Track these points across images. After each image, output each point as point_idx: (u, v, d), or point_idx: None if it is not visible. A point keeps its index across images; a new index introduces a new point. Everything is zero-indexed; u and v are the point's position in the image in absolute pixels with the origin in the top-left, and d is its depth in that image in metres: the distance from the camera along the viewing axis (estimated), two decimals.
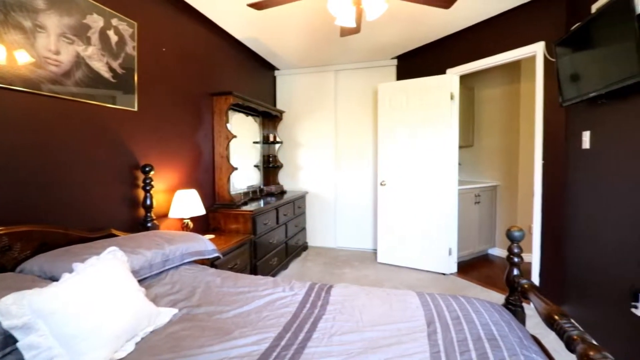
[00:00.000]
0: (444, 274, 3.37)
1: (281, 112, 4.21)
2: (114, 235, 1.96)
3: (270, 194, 3.84)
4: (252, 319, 1.43)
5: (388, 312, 1.44)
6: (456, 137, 3.44)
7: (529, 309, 2.35)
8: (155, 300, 1.54)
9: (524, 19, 2.79)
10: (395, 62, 4.10)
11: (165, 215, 2.44)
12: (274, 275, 3.19)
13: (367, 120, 4.21)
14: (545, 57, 2.65)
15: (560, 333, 1.10)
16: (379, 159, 3.74)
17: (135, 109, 2.21)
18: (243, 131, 3.68)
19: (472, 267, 3.62)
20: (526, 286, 1.47)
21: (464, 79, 4.33)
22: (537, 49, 2.71)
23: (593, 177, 2.17)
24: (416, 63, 3.85)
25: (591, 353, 0.94)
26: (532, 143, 2.81)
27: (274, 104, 4.50)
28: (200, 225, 2.78)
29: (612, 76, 1.82)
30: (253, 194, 3.59)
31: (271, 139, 4.14)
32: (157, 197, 2.33)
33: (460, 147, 4.32)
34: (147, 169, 2.15)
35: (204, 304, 1.56)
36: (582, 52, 2.12)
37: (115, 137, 2.09)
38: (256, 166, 4.01)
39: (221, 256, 2.15)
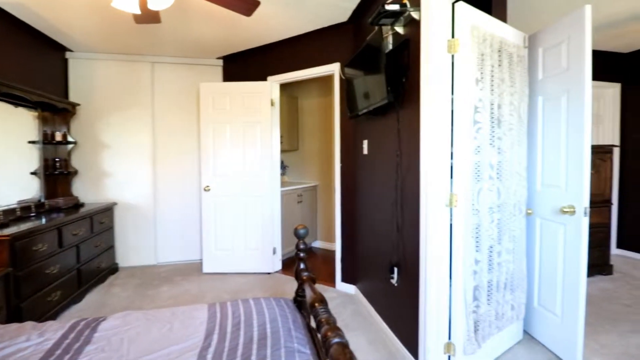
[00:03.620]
0: (269, 273, 3.48)
1: (74, 105, 3.39)
2: None
3: (56, 209, 3.01)
4: None
5: (166, 336, 1.30)
6: (278, 141, 3.62)
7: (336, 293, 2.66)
8: None
9: (327, 41, 3.18)
10: (221, 62, 3.98)
11: None
12: (56, 315, 2.49)
13: (191, 121, 3.91)
14: (340, 76, 3.10)
15: (315, 317, 1.23)
16: (201, 162, 3.53)
17: None
18: (8, 127, 2.74)
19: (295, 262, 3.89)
20: (304, 278, 1.61)
21: (288, 87, 4.66)
22: (335, 69, 3.14)
23: (369, 177, 2.66)
24: (242, 66, 3.84)
25: (329, 333, 1.07)
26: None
27: (66, 94, 3.58)
28: None
29: (375, 97, 2.25)
30: (24, 211, 2.71)
31: (58, 138, 3.26)
32: None
33: (287, 150, 4.64)
34: None
35: None
36: (366, 76, 2.55)
37: None
38: (34, 173, 3.07)
39: None
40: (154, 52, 3.73)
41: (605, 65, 4.05)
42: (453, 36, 1.77)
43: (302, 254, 1.76)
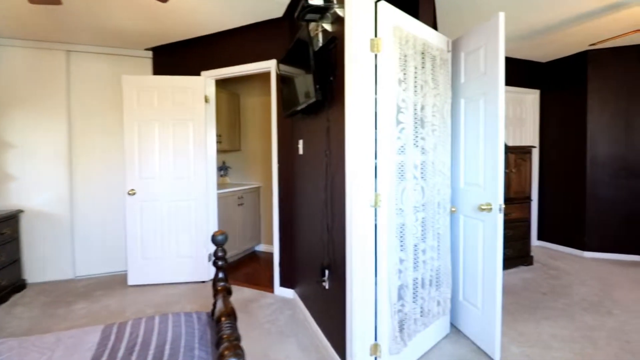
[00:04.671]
0: (204, 282, 3.27)
1: None
2: None
3: None
4: None
5: None
6: (213, 141, 3.42)
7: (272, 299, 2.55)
8: None
9: (264, 37, 3.05)
10: (150, 54, 3.66)
11: None
12: None
13: (116, 118, 3.53)
14: (277, 73, 2.99)
15: (218, 333, 1.12)
16: (126, 164, 3.20)
17: None
18: None
19: (237, 267, 3.73)
20: (219, 288, 1.49)
21: (229, 84, 4.46)
22: (271, 65, 3.04)
23: (304, 177, 2.60)
24: (174, 59, 3.56)
25: (225, 352, 0.97)
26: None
27: None
28: None
29: (306, 95, 2.19)
30: None
31: None
32: None
33: (228, 151, 4.44)
34: None
35: None
36: (298, 73, 2.47)
37: None
38: None
39: None
40: (69, 40, 3.33)
41: (527, 72, 4.43)
42: (376, 35, 1.76)
43: (220, 262, 1.63)
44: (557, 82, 4.35)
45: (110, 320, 2.46)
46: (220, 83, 4.28)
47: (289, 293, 2.92)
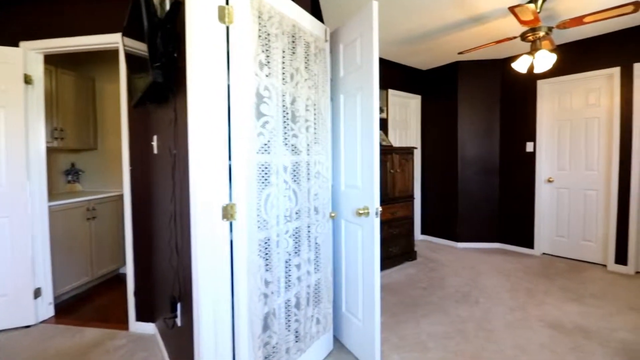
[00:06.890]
0: (28, 327, 2.41)
1: None
2: None
3: None
4: None
5: None
6: (41, 136, 2.57)
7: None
8: None
9: (108, 3, 2.39)
10: None
11: None
12: None
13: None
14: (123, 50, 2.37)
15: None
16: None
17: None
18: None
19: (89, 297, 2.92)
20: None
21: (80, 65, 3.54)
22: (119, 40, 2.40)
23: (159, 183, 2.07)
24: None
25: None
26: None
27: None
28: None
29: (146, 78, 1.69)
30: None
31: None
32: None
33: (79, 150, 3.53)
34: None
35: None
36: (140, 48, 1.94)
37: None
38: None
39: None
40: None
41: (410, 79, 4.69)
42: (227, 3, 1.39)
43: None
44: (435, 89, 4.73)
45: None
46: (65, 62, 3.36)
47: (149, 328, 2.33)
